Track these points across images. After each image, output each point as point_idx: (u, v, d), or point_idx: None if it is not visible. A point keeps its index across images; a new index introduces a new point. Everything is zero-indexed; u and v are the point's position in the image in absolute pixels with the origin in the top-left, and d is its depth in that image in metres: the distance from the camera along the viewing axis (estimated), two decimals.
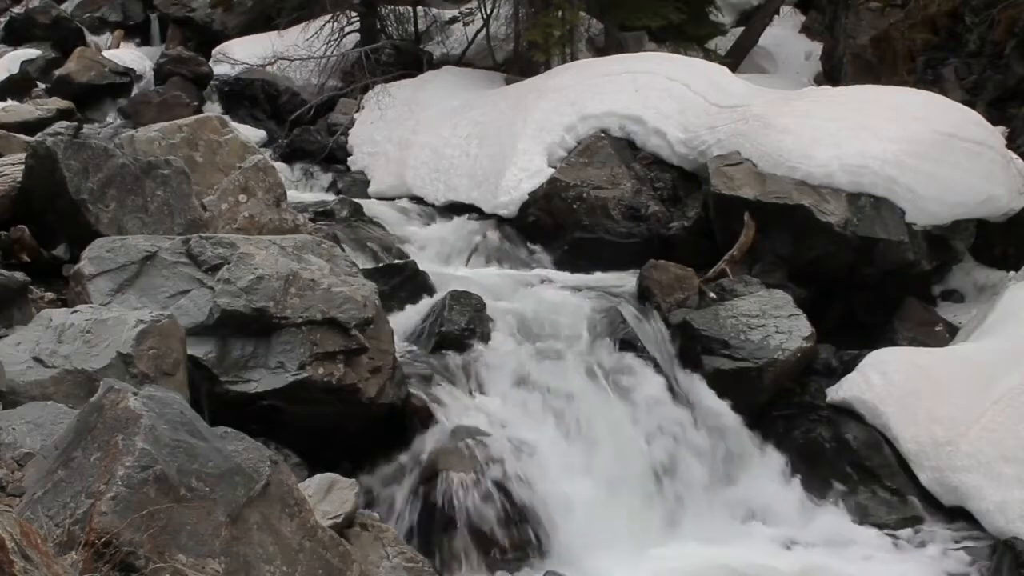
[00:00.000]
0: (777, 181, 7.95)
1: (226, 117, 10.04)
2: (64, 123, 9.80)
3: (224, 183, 6.92)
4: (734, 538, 5.99)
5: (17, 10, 15.89)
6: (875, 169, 7.83)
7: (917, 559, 5.73)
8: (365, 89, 11.85)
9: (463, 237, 8.83)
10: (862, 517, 6.12)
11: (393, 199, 9.86)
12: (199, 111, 11.74)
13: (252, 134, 11.24)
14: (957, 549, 5.74)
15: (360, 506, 4.46)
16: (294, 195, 8.97)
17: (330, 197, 9.86)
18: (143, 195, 6.23)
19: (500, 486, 5.57)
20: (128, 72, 13.57)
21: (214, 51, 13.91)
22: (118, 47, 15.22)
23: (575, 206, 8.76)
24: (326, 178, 10.82)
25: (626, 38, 12.76)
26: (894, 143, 7.96)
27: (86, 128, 10.46)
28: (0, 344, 4.59)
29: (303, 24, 12.97)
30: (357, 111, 11.61)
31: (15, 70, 13.67)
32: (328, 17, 12.66)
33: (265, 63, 12.56)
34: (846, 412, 6.49)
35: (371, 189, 10.28)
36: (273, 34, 13.28)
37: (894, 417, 6.28)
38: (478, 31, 12.87)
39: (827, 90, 10.06)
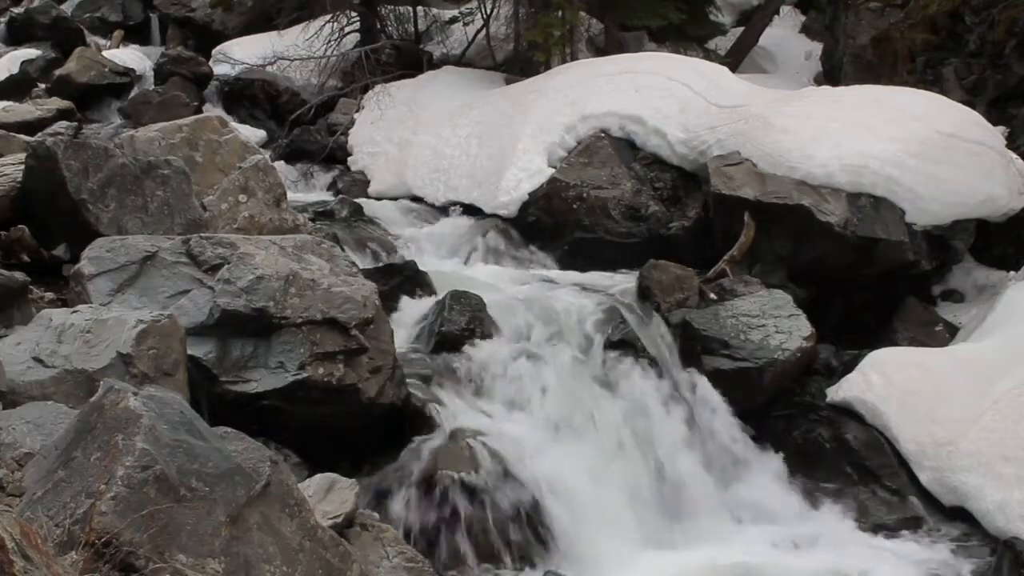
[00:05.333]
0: (777, 181, 7.95)
1: (226, 117, 10.06)
2: (64, 123, 9.83)
3: (224, 183, 6.92)
4: (734, 538, 5.98)
5: (17, 10, 15.88)
6: (875, 169, 7.83)
7: (917, 559, 5.73)
8: (365, 89, 11.86)
9: (463, 237, 8.83)
10: (862, 517, 6.12)
11: (393, 199, 9.86)
12: (199, 111, 11.73)
13: (252, 134, 11.25)
14: (957, 549, 5.74)
15: (360, 506, 4.46)
16: (294, 195, 8.97)
17: (330, 197, 9.87)
18: (143, 195, 6.23)
19: (500, 486, 5.57)
20: (128, 72, 13.56)
21: (214, 51, 13.90)
22: (118, 47, 15.21)
23: (575, 206, 8.77)
24: (326, 178, 10.83)
25: (626, 38, 12.77)
26: (894, 143, 7.96)
27: (86, 128, 10.47)
28: (0, 344, 4.58)
29: (303, 24, 12.96)
30: (357, 111, 11.61)
31: (15, 70, 13.65)
32: (328, 17, 12.66)
33: (265, 63, 12.55)
34: (846, 412, 6.50)
35: (371, 189, 10.28)
36: (273, 34, 13.27)
37: (894, 417, 6.28)
38: (478, 31, 12.88)
39: (827, 90, 10.05)
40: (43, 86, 13.14)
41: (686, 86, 9.20)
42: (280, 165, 10.23)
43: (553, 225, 8.82)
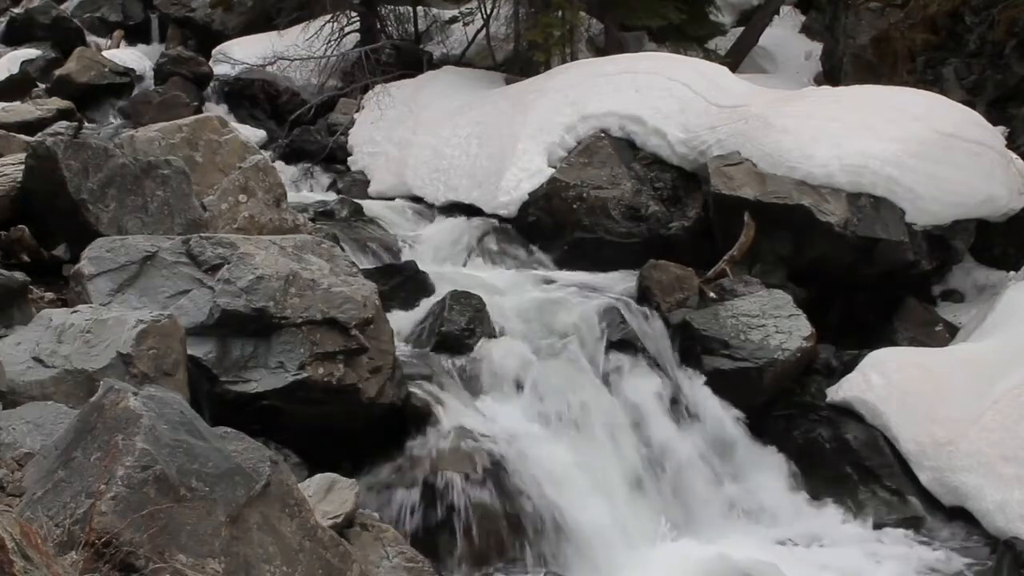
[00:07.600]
0: (777, 181, 7.94)
1: (226, 117, 10.06)
2: (64, 123, 9.80)
3: (224, 183, 6.92)
4: (734, 538, 5.98)
5: (17, 10, 15.88)
6: (875, 169, 7.83)
7: (917, 559, 5.73)
8: (365, 89, 11.86)
9: (463, 237, 8.83)
10: (862, 517, 6.12)
11: (393, 199, 9.86)
12: (199, 111, 11.73)
13: (252, 134, 11.24)
14: (957, 549, 5.74)
15: (360, 506, 4.46)
16: (294, 195, 8.97)
17: (330, 197, 9.86)
18: (143, 195, 6.24)
19: (500, 486, 5.57)
20: (128, 72, 13.56)
21: (214, 51, 13.91)
22: (118, 47, 15.21)
23: (575, 206, 8.76)
24: (326, 178, 10.83)
25: (626, 38, 12.77)
26: (894, 143, 7.96)
27: (86, 128, 10.46)
28: (0, 344, 4.58)
29: (303, 24, 12.98)
30: (357, 111, 11.61)
31: (15, 70, 13.64)
32: (328, 17, 12.66)
33: (265, 63, 12.56)
34: (846, 412, 6.50)
35: (371, 189, 10.28)
36: (273, 34, 13.28)
37: (894, 417, 6.28)
38: (478, 31, 12.88)
39: (827, 90, 10.05)
40: (43, 86, 13.13)
41: (686, 86, 9.20)
42: (280, 165, 10.24)
43: (553, 225, 8.82)
